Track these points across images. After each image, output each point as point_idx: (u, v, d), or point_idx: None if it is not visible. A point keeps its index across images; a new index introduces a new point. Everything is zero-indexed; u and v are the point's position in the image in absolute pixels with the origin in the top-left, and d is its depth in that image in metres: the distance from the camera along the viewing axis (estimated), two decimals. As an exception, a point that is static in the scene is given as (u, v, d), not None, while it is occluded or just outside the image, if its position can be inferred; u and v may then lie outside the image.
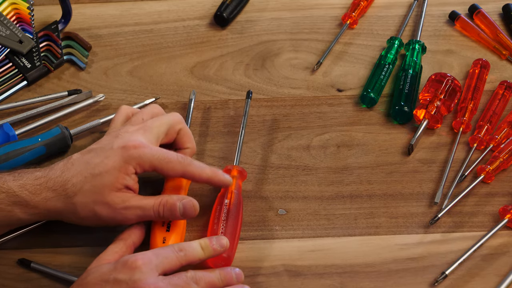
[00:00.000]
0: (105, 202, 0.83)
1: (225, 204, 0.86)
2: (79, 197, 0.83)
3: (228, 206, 0.86)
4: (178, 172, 0.85)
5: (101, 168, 0.83)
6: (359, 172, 0.94)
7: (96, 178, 0.83)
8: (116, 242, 0.83)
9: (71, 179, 0.83)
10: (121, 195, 0.83)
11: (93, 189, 0.83)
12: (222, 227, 0.84)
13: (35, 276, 0.85)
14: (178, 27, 1.10)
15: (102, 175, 0.83)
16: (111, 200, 0.83)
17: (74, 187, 0.83)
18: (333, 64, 1.05)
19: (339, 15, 1.11)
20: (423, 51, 1.05)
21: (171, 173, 0.85)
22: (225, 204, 0.86)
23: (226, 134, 0.98)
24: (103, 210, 0.83)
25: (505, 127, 0.95)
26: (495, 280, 0.84)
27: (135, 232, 0.85)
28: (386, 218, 0.90)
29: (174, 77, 1.04)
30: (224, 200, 0.86)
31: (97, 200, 0.83)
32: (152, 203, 0.84)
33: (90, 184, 0.83)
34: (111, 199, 0.83)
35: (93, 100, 1.00)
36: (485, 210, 0.90)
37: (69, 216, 0.84)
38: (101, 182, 0.83)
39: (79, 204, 0.83)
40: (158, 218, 0.84)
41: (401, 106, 0.98)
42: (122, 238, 0.84)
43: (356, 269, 0.85)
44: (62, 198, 0.83)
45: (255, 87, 1.03)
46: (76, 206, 0.83)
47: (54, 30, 1.07)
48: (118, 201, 0.83)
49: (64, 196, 0.83)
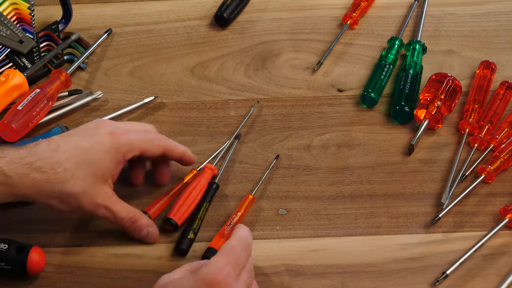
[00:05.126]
0: (91, 194, 0.83)
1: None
2: (70, 184, 0.81)
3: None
4: (161, 149, 0.87)
5: (93, 155, 0.83)
6: (359, 172, 0.94)
7: (88, 166, 0.82)
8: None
9: (63, 163, 0.81)
10: (106, 190, 0.84)
11: (83, 178, 0.82)
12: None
13: (35, 277, 0.85)
14: (178, 27, 1.11)
15: (94, 164, 0.83)
16: (97, 194, 0.83)
17: (66, 173, 0.81)
18: (333, 64, 1.05)
19: (340, 15, 1.11)
20: (423, 51, 1.05)
21: (157, 151, 0.87)
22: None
23: (226, 134, 0.98)
24: (86, 201, 0.83)
25: (506, 127, 0.95)
26: (495, 280, 0.84)
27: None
28: (386, 218, 0.89)
29: (175, 77, 1.04)
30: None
31: (84, 191, 0.82)
32: (124, 215, 0.85)
33: (82, 172, 0.82)
34: (96, 193, 0.83)
35: (92, 97, 1.00)
36: (485, 210, 0.90)
37: (46, 200, 0.82)
38: (92, 171, 0.83)
39: (67, 191, 0.82)
40: (121, 228, 0.86)
41: (402, 106, 0.98)
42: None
43: (357, 269, 0.85)
44: (51, 183, 0.81)
45: (255, 87, 1.03)
46: (63, 193, 0.82)
47: (55, 30, 1.07)
48: (102, 197, 0.83)
49: (54, 181, 0.81)
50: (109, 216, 0.85)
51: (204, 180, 0.91)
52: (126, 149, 0.84)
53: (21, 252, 0.83)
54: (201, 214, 0.88)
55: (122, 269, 0.86)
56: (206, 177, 0.91)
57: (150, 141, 0.87)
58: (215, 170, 0.92)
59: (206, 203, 0.89)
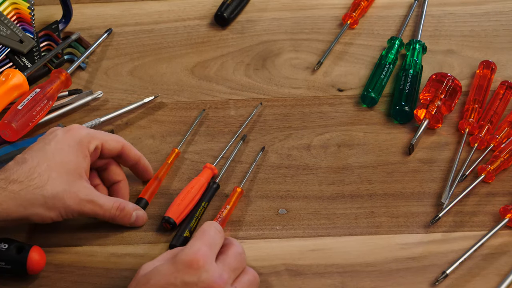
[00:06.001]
0: (73, 191, 0.83)
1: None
2: (49, 187, 0.82)
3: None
4: (120, 144, 0.88)
5: (60, 154, 0.84)
6: (359, 171, 0.94)
7: (59, 165, 0.83)
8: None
9: (36, 169, 0.82)
10: (85, 185, 0.84)
11: (60, 178, 0.83)
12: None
13: (35, 276, 0.85)
14: (178, 27, 1.11)
15: (64, 162, 0.83)
16: (78, 190, 0.83)
17: (41, 177, 0.82)
18: (333, 64, 1.06)
19: (340, 15, 1.11)
20: (423, 51, 1.05)
21: (116, 145, 0.88)
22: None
23: (227, 134, 0.98)
24: (70, 200, 0.83)
25: (506, 126, 0.95)
26: (495, 280, 0.84)
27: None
28: (386, 218, 0.89)
29: (175, 77, 1.04)
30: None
31: (65, 189, 0.83)
32: (110, 205, 0.86)
33: (56, 173, 0.83)
34: (77, 189, 0.83)
35: (92, 97, 1.01)
36: (485, 210, 0.90)
37: (32, 210, 0.82)
38: (65, 169, 0.83)
39: (49, 194, 0.82)
40: (110, 220, 0.87)
41: (402, 106, 0.98)
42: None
43: (357, 268, 0.85)
44: (31, 190, 0.81)
45: (255, 87, 1.03)
46: (46, 197, 0.82)
47: (55, 30, 1.07)
48: (84, 192, 0.84)
49: (33, 187, 0.81)
50: (96, 210, 0.85)
51: (203, 180, 0.91)
52: (87, 139, 0.86)
53: (21, 251, 0.83)
54: (199, 213, 0.88)
55: (122, 268, 0.86)
56: (206, 177, 0.91)
57: (107, 135, 0.88)
58: (215, 170, 0.92)
59: (205, 202, 0.89)
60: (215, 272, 0.75)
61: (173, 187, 0.93)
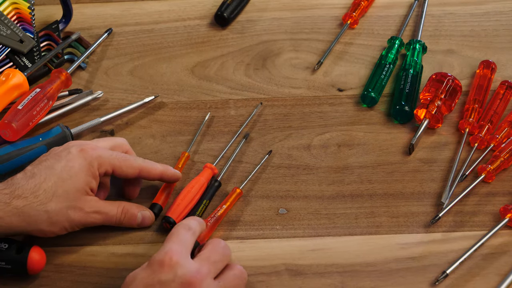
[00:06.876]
0: (78, 207, 0.83)
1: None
2: (53, 203, 0.82)
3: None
4: (136, 169, 0.87)
5: (69, 171, 0.83)
6: (359, 171, 0.94)
7: (66, 182, 0.83)
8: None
9: (42, 186, 0.82)
10: (90, 198, 0.85)
11: (65, 195, 0.83)
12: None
13: (35, 276, 0.85)
14: (178, 27, 1.11)
15: (72, 179, 0.83)
16: (83, 204, 0.84)
17: (46, 194, 0.82)
18: (333, 64, 1.06)
19: (340, 15, 1.11)
20: (423, 51, 1.05)
21: (130, 171, 0.87)
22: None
23: (227, 134, 0.98)
24: (75, 214, 0.83)
25: (506, 126, 0.96)
26: (495, 280, 0.84)
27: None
28: (387, 218, 0.90)
29: (175, 76, 1.05)
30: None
31: (70, 205, 0.83)
32: (115, 211, 0.86)
33: (62, 189, 0.83)
34: (82, 204, 0.84)
35: (92, 97, 1.01)
36: (485, 210, 0.90)
37: (35, 227, 0.82)
38: (72, 186, 0.83)
39: (53, 211, 0.82)
40: (118, 224, 0.87)
41: (402, 106, 0.98)
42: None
43: (357, 268, 0.85)
44: (35, 206, 0.81)
45: (255, 86, 1.03)
46: (50, 213, 0.82)
47: (55, 29, 1.07)
48: (89, 205, 0.84)
49: (37, 203, 0.81)
50: (103, 219, 0.86)
51: (203, 179, 0.91)
52: (97, 163, 0.85)
53: (21, 251, 0.83)
54: (199, 211, 0.89)
55: (122, 268, 0.86)
56: (206, 176, 0.91)
57: (122, 160, 0.86)
58: (215, 170, 0.92)
59: (206, 200, 0.89)
60: (191, 266, 0.76)
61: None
